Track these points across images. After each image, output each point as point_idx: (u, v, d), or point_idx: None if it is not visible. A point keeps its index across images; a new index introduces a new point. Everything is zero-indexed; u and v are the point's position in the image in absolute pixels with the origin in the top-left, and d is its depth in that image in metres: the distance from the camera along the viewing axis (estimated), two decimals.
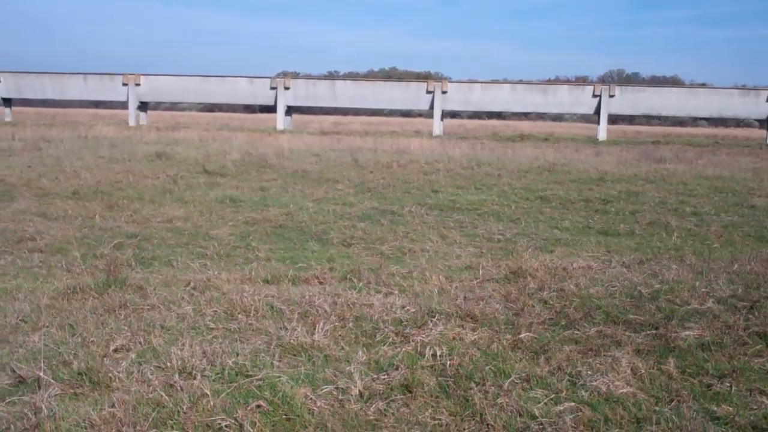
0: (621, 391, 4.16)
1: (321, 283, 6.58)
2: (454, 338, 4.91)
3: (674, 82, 74.96)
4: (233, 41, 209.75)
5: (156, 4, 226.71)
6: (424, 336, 4.89)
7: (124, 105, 36.79)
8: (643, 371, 4.46)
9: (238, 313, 5.42)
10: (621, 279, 6.65)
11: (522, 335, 4.98)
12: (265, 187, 13.10)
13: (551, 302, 5.89)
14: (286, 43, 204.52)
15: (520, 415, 3.84)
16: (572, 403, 3.97)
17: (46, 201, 10.92)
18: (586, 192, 13.33)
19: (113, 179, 13.26)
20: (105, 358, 4.41)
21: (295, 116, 36.99)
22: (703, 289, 6.21)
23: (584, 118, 50.01)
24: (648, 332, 5.21)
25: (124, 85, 35.46)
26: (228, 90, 35.51)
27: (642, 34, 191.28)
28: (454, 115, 46.78)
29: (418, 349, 4.68)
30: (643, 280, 6.61)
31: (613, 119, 36.26)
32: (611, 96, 32.75)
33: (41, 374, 4.13)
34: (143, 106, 36.42)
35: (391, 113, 56.87)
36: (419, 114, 51.72)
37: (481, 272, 6.97)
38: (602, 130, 32.67)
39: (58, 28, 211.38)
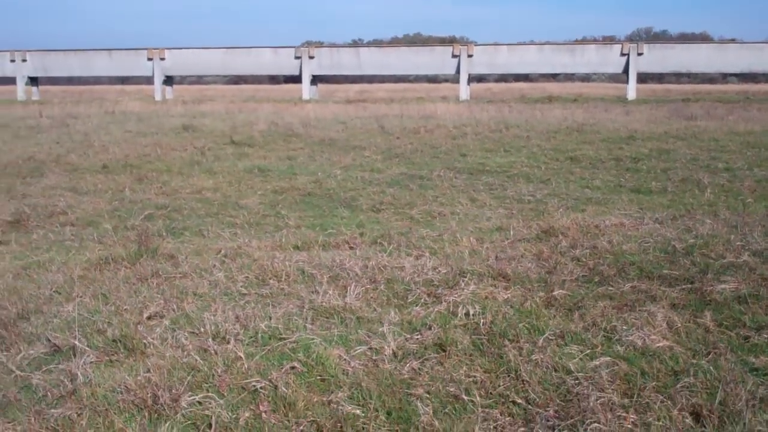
0: (657, 345, 4.13)
1: (351, 248, 6.56)
2: (486, 297, 4.89)
3: (703, 38, 73.63)
4: (257, 12, 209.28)
5: None
6: (456, 296, 4.87)
7: (149, 80, 36.86)
8: (679, 325, 4.42)
9: (270, 279, 5.43)
10: (654, 235, 6.58)
11: (555, 292, 4.95)
12: (293, 156, 13.09)
13: (584, 260, 5.84)
14: (310, 13, 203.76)
15: (556, 371, 3.81)
16: (608, 358, 3.94)
17: (75, 176, 11.00)
18: (616, 151, 13.17)
19: (141, 153, 13.31)
20: (139, 325, 4.44)
21: (320, 85, 36.87)
22: (738, 243, 6.13)
23: (613, 78, 49.43)
24: (683, 286, 5.15)
25: (149, 59, 35.51)
26: (253, 61, 35.44)
27: None
28: (480, 79, 46.44)
29: (451, 309, 4.66)
30: (677, 235, 6.53)
31: (642, 78, 35.75)
32: (639, 54, 32.25)
33: (76, 342, 4.17)
34: (169, 81, 36.48)
35: (417, 79, 56.43)
36: (445, 79, 51.26)
37: (512, 233, 6.92)
38: (631, 89, 32.21)
39: (82, 4, 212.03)
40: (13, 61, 36.90)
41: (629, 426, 3.33)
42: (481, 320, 4.43)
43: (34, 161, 12.38)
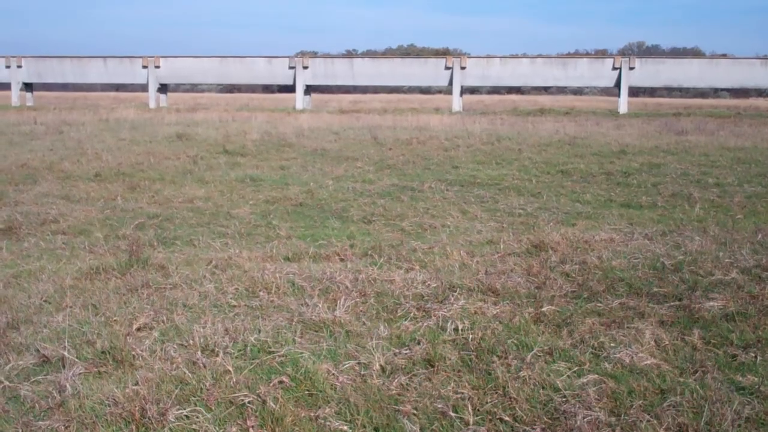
0: (645, 362, 4.14)
1: (342, 259, 6.57)
2: (475, 312, 4.90)
3: (695, 53, 74.01)
4: (251, 22, 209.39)
5: None
6: (445, 310, 4.89)
7: (144, 87, 36.85)
8: (666, 342, 4.44)
9: (260, 291, 5.44)
10: (644, 251, 6.60)
11: (544, 308, 4.96)
12: (285, 166, 13.10)
13: (573, 275, 5.86)
14: (304, 23, 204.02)
15: (543, 388, 3.82)
16: (595, 375, 3.96)
17: (68, 183, 10.98)
18: (607, 165, 13.24)
19: (134, 161, 13.31)
20: (128, 337, 4.43)
21: (313, 95, 36.93)
22: (727, 260, 6.16)
23: (605, 92, 49.59)
24: (671, 303, 5.17)
25: (144, 67, 35.52)
26: (247, 70, 35.47)
27: (662, 5, 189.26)
28: (473, 90, 46.56)
29: (440, 324, 4.68)
30: (666, 251, 6.56)
31: (634, 92, 35.86)
32: (631, 68, 32.40)
33: (65, 353, 4.16)
34: (163, 89, 36.48)
35: (410, 90, 56.63)
36: (438, 90, 51.40)
37: (502, 246, 6.94)
38: (623, 103, 32.35)
39: (77, 11, 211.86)
40: (8, 66, 36.85)
41: None
42: (470, 336, 4.44)
43: (28, 168, 12.36)
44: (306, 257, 6.62)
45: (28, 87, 37.57)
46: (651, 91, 49.64)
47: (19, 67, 36.83)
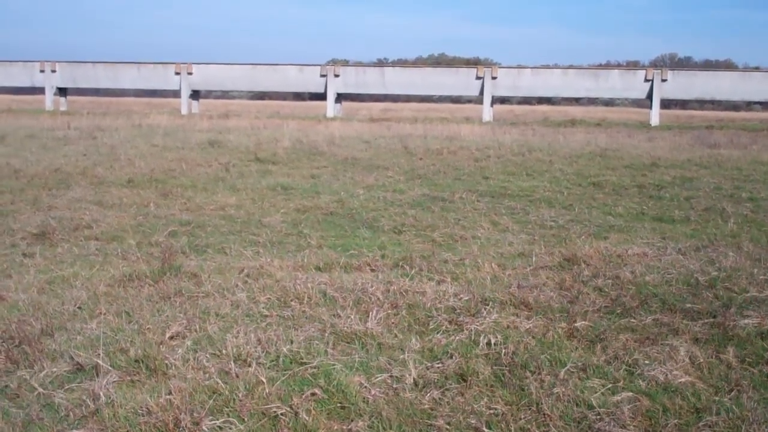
0: (679, 380, 4.10)
1: (373, 270, 6.57)
2: (508, 326, 4.88)
3: (727, 66, 73.34)
4: (283, 30, 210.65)
5: None
6: (477, 324, 4.87)
7: (176, 94, 37.15)
8: (701, 360, 4.39)
9: (292, 301, 5.45)
10: (677, 266, 6.54)
11: (577, 323, 4.93)
12: (316, 175, 13.14)
13: (606, 290, 5.82)
14: (335, 31, 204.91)
15: (577, 405, 3.80)
16: (630, 393, 3.92)
17: (101, 189, 11.08)
18: (639, 178, 13.14)
19: (167, 167, 13.41)
20: (161, 346, 4.46)
21: (344, 103, 37.01)
22: (762, 277, 6.09)
23: (636, 103, 49.26)
24: (706, 320, 5.12)
25: (177, 74, 35.80)
26: (278, 78, 35.65)
27: (694, 17, 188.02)
28: (503, 100, 46.40)
29: (472, 338, 4.66)
30: (700, 267, 6.49)
31: (666, 104, 35.55)
32: (663, 80, 32.16)
33: (99, 361, 4.19)
34: (195, 95, 36.73)
35: (440, 99, 56.54)
36: (468, 100, 51.33)
37: (534, 259, 6.91)
38: (655, 115, 32.12)
39: (112, 18, 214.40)
40: (42, 71, 37.30)
41: None
42: (503, 350, 4.42)
43: (61, 173, 12.50)
44: (337, 267, 6.62)
45: (62, 92, 37.98)
46: (683, 103, 49.20)
47: (54, 72, 37.25)
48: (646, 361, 4.35)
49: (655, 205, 10.60)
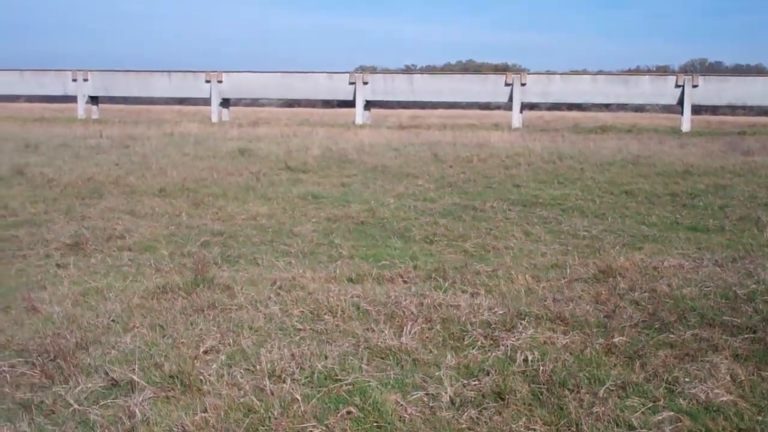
0: (721, 399, 4.02)
1: (405, 282, 6.53)
2: (545, 342, 4.81)
3: (759, 71, 72.58)
4: (311, 37, 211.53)
5: (236, 3, 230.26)
6: (514, 339, 4.81)
7: (206, 101, 37.35)
8: (743, 378, 4.30)
9: (325, 314, 5.42)
10: (714, 279, 6.44)
11: (615, 339, 4.85)
12: (346, 183, 13.13)
13: (643, 303, 5.74)
14: (364, 38, 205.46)
15: (618, 425, 3.73)
16: (671, 412, 3.85)
17: (133, 198, 11.13)
18: (672, 186, 12.99)
19: (198, 176, 13.46)
20: (195, 360, 4.45)
21: (373, 110, 37.02)
22: None
23: (666, 109, 48.78)
24: (746, 336, 5.03)
25: (207, 82, 36.00)
26: (308, 86, 35.75)
27: (724, 22, 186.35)
28: (532, 106, 46.20)
29: (509, 354, 4.60)
30: (738, 280, 6.39)
31: (697, 109, 35.17)
32: (694, 86, 31.86)
33: (134, 377, 4.19)
34: (225, 103, 36.90)
35: (468, 105, 56.33)
36: (497, 106, 51.17)
37: (568, 271, 6.83)
38: (686, 121, 31.82)
39: (143, 27, 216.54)
40: (75, 80, 37.66)
41: None
42: (540, 368, 4.36)
43: (94, 182, 12.58)
44: (369, 278, 6.59)
45: (93, 100, 38.32)
46: (713, 109, 48.65)
47: (86, 80, 37.60)
48: (687, 379, 4.27)
49: (689, 214, 10.46)
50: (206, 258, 7.22)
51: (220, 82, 35.82)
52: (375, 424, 3.73)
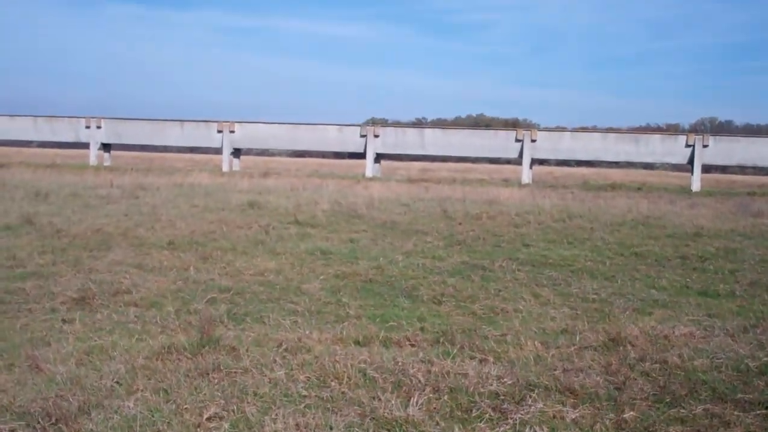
0: None
1: (413, 345, 6.47)
2: (554, 417, 4.73)
3: None
4: (323, 88, 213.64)
5: (247, 54, 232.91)
6: (522, 413, 4.73)
7: (218, 150, 37.68)
8: None
9: (331, 381, 5.35)
10: (726, 350, 6.35)
11: (626, 414, 4.77)
12: (355, 239, 13.09)
13: (654, 375, 5.65)
14: (375, 90, 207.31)
15: None
16: None
17: (142, 251, 11.11)
18: (682, 248, 12.93)
19: (207, 229, 13.46)
20: (198, 428, 4.38)
21: (383, 162, 37.19)
22: None
23: (676, 167, 48.96)
24: (758, 412, 4.94)
25: (219, 132, 36.32)
26: (318, 137, 36.06)
27: (735, 82, 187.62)
28: (542, 161, 46.41)
29: (517, 429, 4.52)
30: (750, 351, 6.30)
31: (706, 168, 35.28)
32: (705, 146, 31.98)
33: None
34: (237, 152, 37.19)
35: (479, 159, 56.70)
36: (507, 160, 51.40)
37: (578, 338, 6.75)
38: (696, 180, 31.88)
39: (155, 76, 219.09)
40: (88, 127, 38.05)
41: None
42: None
43: (102, 234, 12.58)
44: (376, 341, 6.52)
45: (106, 147, 38.66)
46: (723, 167, 48.79)
47: (99, 128, 37.97)
48: None
49: (700, 278, 10.39)
50: (213, 316, 7.17)
51: (232, 132, 36.12)
52: None
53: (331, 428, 4.43)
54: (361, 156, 35.90)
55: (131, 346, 6.28)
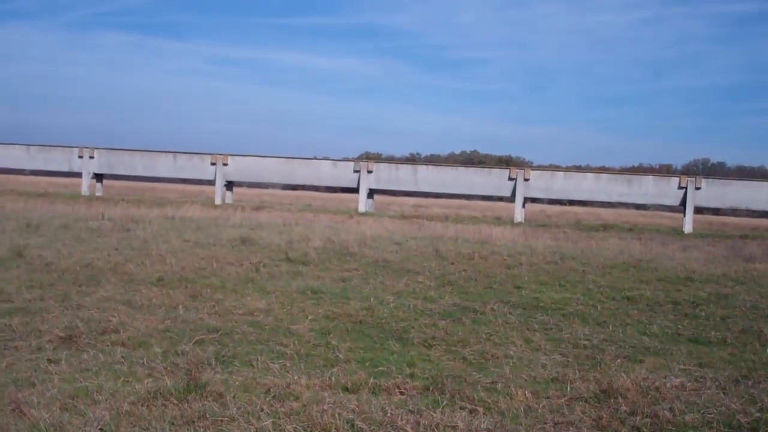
0: None
1: (402, 393, 6.40)
2: None
3: (762, 173, 73.37)
4: (316, 121, 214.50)
5: (242, 85, 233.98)
6: None
7: (210, 182, 37.67)
8: None
9: None
10: (717, 404, 6.30)
11: None
12: (346, 278, 13.04)
13: (645, 430, 5.60)
14: (368, 124, 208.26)
15: None
16: None
17: (131, 287, 11.02)
18: (674, 293, 12.91)
19: (197, 265, 13.38)
20: None
21: (376, 197, 37.24)
22: None
23: (669, 208, 49.18)
24: None
25: (212, 164, 36.35)
26: (311, 172, 36.16)
27: (728, 124, 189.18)
28: (534, 199, 46.54)
29: None
30: (741, 406, 6.25)
31: (699, 209, 35.44)
32: (698, 188, 32.12)
33: None
34: (229, 185, 37.20)
35: (471, 197, 56.83)
36: (499, 198, 51.54)
37: (569, 388, 6.70)
38: (688, 222, 31.96)
39: (148, 104, 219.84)
40: (80, 157, 38.08)
41: None
42: None
43: (92, 268, 12.50)
44: (365, 388, 6.46)
45: (98, 177, 38.68)
46: (716, 209, 48.99)
47: (92, 158, 37.99)
48: None
49: (691, 324, 10.36)
50: (200, 358, 7.10)
51: (225, 165, 36.16)
52: None
53: None
54: (354, 190, 35.96)
55: (117, 389, 6.19)
